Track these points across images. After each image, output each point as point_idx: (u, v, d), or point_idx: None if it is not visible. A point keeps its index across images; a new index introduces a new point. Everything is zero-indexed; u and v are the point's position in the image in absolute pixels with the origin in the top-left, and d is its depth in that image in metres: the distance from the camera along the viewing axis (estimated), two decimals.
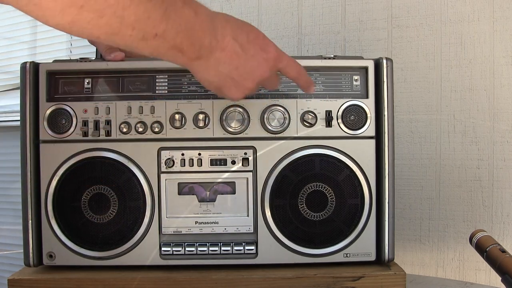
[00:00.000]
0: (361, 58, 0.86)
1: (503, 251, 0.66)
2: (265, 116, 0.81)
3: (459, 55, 1.08)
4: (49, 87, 0.82)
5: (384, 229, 0.82)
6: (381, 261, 0.82)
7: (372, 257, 0.82)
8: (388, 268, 0.81)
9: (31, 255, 0.81)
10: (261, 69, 0.68)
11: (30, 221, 0.80)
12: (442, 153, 1.10)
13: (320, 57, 0.84)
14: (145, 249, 0.81)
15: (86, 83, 0.81)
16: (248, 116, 0.82)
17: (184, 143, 0.82)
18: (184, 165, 0.82)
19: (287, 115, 0.82)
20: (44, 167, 0.81)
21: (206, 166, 0.82)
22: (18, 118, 0.80)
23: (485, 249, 0.68)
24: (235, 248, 0.82)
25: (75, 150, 0.81)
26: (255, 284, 0.79)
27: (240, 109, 0.81)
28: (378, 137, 0.82)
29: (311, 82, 0.76)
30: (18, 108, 0.81)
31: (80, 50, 1.62)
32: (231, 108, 0.81)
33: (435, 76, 1.10)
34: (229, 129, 0.81)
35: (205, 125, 0.81)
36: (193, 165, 0.82)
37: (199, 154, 0.82)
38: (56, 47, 1.74)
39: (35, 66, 0.81)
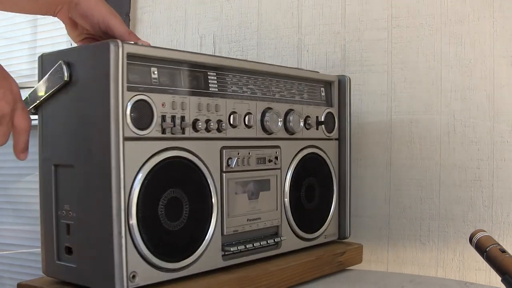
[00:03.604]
0: (317, 72, 1.05)
1: (503, 251, 0.66)
2: (288, 119, 0.91)
3: (459, 55, 1.08)
4: (126, 74, 0.67)
5: (346, 213, 1.02)
6: (341, 238, 1.03)
7: (336, 236, 1.03)
8: (351, 243, 1.04)
9: (117, 280, 0.66)
10: (6, 99, 0.58)
11: (123, 237, 0.65)
12: (442, 153, 1.10)
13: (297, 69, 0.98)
14: (212, 252, 0.78)
15: (153, 73, 0.72)
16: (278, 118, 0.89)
17: (239, 142, 0.83)
18: (239, 164, 0.82)
19: (302, 119, 0.93)
20: (126, 170, 0.67)
21: (253, 164, 0.85)
22: None
23: (485, 249, 0.68)
24: (276, 239, 0.88)
25: (155, 149, 0.71)
26: (298, 267, 0.89)
27: (276, 112, 0.88)
28: (340, 139, 1.03)
29: (27, 147, 0.67)
30: None
31: None
32: (270, 110, 0.87)
33: (435, 76, 1.10)
34: (267, 129, 0.87)
35: (252, 125, 0.84)
36: (244, 164, 0.83)
37: (249, 153, 0.84)
38: (56, 47, 1.74)
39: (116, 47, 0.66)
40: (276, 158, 0.89)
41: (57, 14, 0.81)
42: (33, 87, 0.76)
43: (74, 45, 0.85)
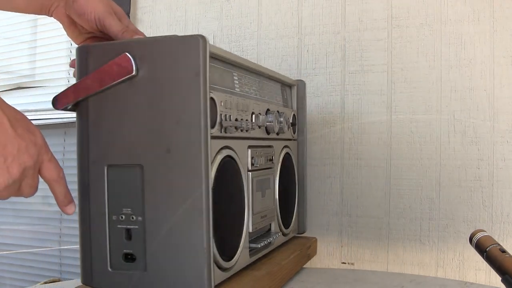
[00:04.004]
0: (280, 74, 1.03)
1: (503, 251, 0.66)
2: (278, 121, 0.92)
3: (459, 55, 1.08)
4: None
5: (304, 209, 1.06)
6: (301, 232, 1.07)
7: (297, 231, 1.06)
8: (309, 237, 1.09)
9: (206, 282, 0.63)
10: (28, 152, 0.57)
11: (211, 238, 0.63)
12: (442, 153, 1.10)
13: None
14: (244, 249, 0.78)
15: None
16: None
17: (256, 141, 0.85)
18: (256, 163, 0.84)
19: (286, 120, 0.95)
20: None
21: (262, 163, 0.86)
22: None
23: (485, 249, 0.68)
24: (278, 235, 0.92)
25: (217, 148, 0.70)
26: (293, 260, 0.94)
27: (276, 113, 0.90)
28: (299, 140, 1.06)
29: (69, 198, 0.65)
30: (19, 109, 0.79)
31: None
32: (270, 111, 0.89)
33: (435, 76, 1.10)
34: (269, 129, 0.89)
35: (261, 125, 0.86)
36: (259, 163, 0.84)
37: (261, 152, 0.86)
38: (56, 47, 1.74)
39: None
40: (272, 157, 0.91)
41: (52, 13, 0.79)
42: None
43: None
